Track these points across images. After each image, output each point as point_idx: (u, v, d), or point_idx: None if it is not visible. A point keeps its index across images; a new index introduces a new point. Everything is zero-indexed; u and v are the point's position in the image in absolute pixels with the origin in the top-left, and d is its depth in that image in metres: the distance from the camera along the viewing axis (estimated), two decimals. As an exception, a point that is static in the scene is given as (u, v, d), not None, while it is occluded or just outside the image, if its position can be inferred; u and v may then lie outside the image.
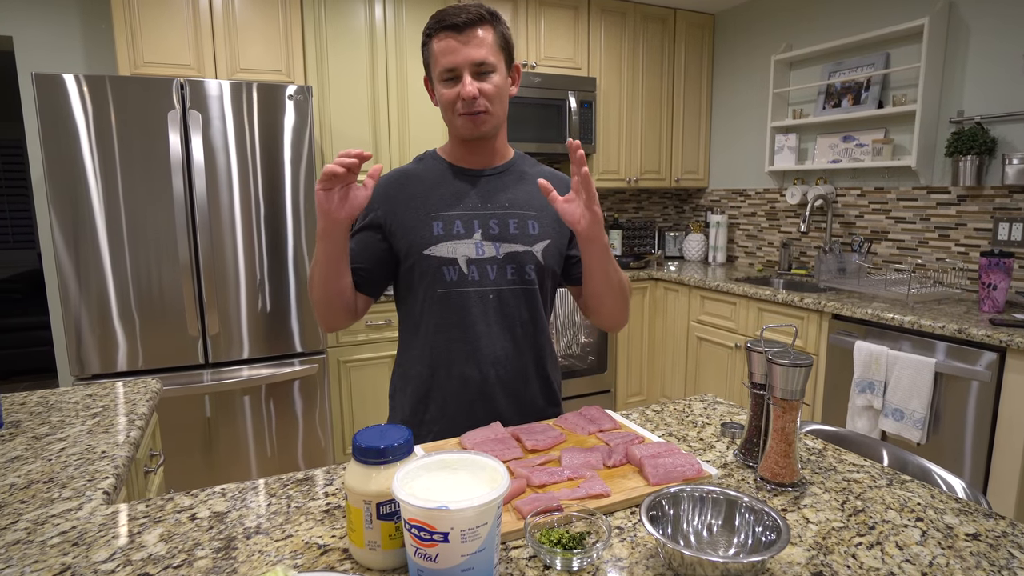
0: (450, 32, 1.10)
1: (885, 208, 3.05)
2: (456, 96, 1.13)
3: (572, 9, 3.51)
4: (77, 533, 0.83)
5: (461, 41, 1.10)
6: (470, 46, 1.10)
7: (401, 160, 3.19)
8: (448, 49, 1.11)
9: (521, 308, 1.23)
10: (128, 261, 2.39)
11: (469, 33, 1.10)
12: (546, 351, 1.31)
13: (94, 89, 2.27)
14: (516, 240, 1.21)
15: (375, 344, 2.96)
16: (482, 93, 1.13)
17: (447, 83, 1.13)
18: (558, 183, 1.28)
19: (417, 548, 0.66)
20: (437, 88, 1.16)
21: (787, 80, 3.50)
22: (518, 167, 1.29)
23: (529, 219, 1.23)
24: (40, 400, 1.40)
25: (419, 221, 1.19)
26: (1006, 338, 1.96)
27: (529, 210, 1.24)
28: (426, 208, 1.20)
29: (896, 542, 0.80)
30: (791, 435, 0.92)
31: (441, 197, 1.21)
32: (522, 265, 1.21)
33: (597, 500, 0.87)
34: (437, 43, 1.12)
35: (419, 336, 1.24)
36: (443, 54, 1.11)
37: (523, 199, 1.24)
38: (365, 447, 0.73)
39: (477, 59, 1.11)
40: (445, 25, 1.10)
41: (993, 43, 2.56)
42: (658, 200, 4.41)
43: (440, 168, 1.26)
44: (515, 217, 1.22)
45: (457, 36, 1.10)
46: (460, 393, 1.22)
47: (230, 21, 2.75)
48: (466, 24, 1.10)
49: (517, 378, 1.25)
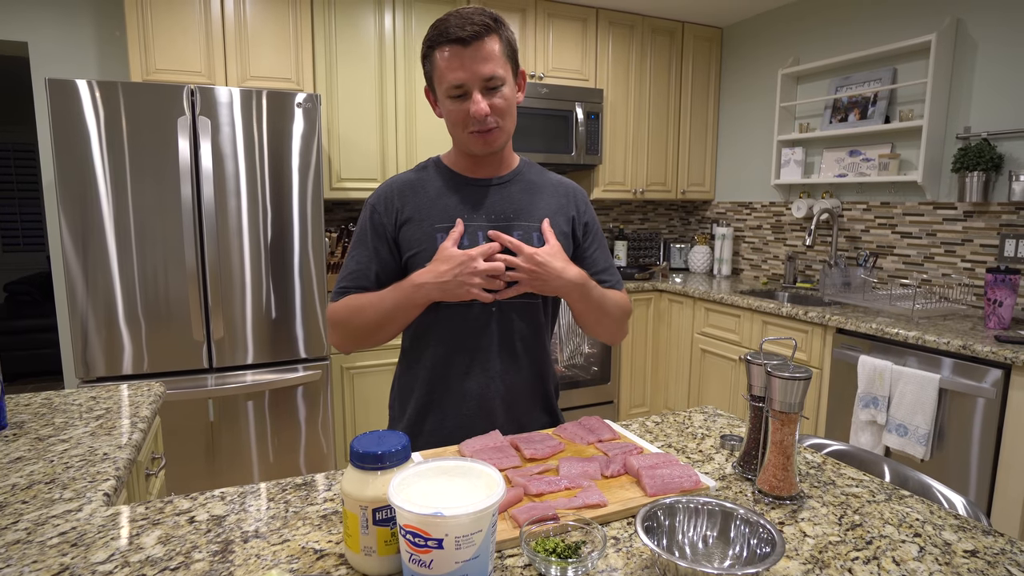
0: (456, 45, 1.05)
1: (891, 223, 3.05)
2: (466, 114, 1.09)
3: (580, 21, 3.53)
4: (77, 534, 0.84)
5: (468, 56, 1.05)
6: (478, 61, 1.05)
7: (408, 168, 3.21)
8: (455, 64, 1.05)
9: (523, 322, 1.22)
10: (135, 265, 2.41)
11: (476, 46, 1.04)
12: (547, 366, 1.30)
13: (106, 95, 2.30)
14: None
15: (378, 351, 2.97)
16: (493, 109, 1.09)
17: (455, 100, 1.09)
18: (566, 191, 1.28)
19: (412, 554, 0.66)
20: (443, 102, 1.12)
21: (794, 94, 3.51)
22: (525, 176, 1.25)
23: (534, 231, 1.19)
24: (44, 401, 1.41)
25: (423, 234, 1.16)
26: (1011, 355, 1.95)
27: (534, 221, 1.20)
28: (430, 220, 1.17)
29: (893, 557, 0.80)
30: (789, 448, 0.92)
31: (445, 209, 1.18)
32: None
33: (594, 510, 0.87)
34: (441, 56, 1.07)
35: (419, 349, 1.23)
36: (450, 69, 1.06)
37: (528, 210, 1.21)
38: (362, 452, 0.74)
39: (486, 75, 1.06)
40: (451, 39, 1.04)
41: (1000, 60, 2.56)
42: (664, 212, 4.41)
43: (444, 178, 1.22)
44: (520, 229, 1.19)
45: (463, 49, 1.04)
46: (459, 406, 1.22)
47: (241, 29, 2.78)
48: (472, 37, 1.04)
49: (517, 393, 1.24)
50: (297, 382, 2.69)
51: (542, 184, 1.26)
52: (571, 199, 1.27)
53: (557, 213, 1.23)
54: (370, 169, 3.13)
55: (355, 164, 3.10)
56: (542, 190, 1.25)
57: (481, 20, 1.05)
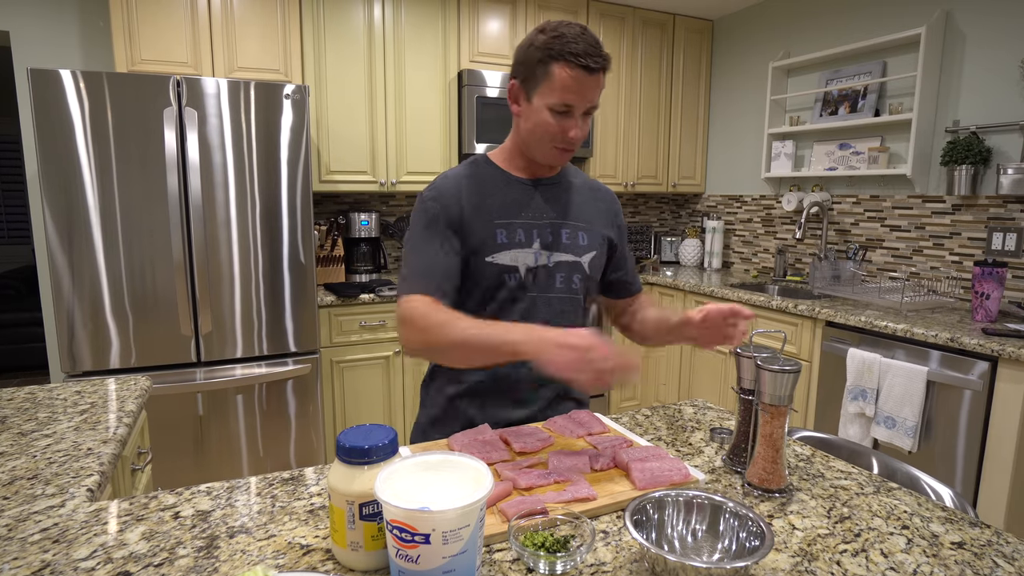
0: (582, 71, 1.08)
1: (880, 216, 3.06)
2: (562, 131, 1.13)
3: (571, 14, 3.51)
4: (59, 530, 0.83)
5: (588, 84, 1.10)
6: (592, 89, 1.11)
7: (398, 160, 3.19)
8: (574, 86, 1.09)
9: (566, 316, 1.25)
10: (122, 258, 2.38)
11: (596, 77, 1.10)
12: None
13: (90, 85, 2.26)
14: (567, 250, 1.24)
15: (369, 345, 2.96)
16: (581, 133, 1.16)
17: (558, 115, 1.12)
18: (605, 196, 1.34)
19: (399, 549, 0.65)
20: (539, 111, 1.13)
21: (784, 87, 3.51)
22: (566, 178, 1.30)
23: (580, 230, 1.26)
24: (28, 396, 1.39)
25: (484, 228, 1.18)
26: (998, 347, 1.96)
27: (580, 221, 1.26)
28: (490, 215, 1.19)
29: (881, 550, 0.80)
30: (779, 441, 0.92)
31: (502, 205, 1.21)
32: (570, 275, 1.24)
33: (583, 503, 0.87)
34: (563, 72, 1.09)
35: None
36: (567, 89, 1.09)
37: (574, 210, 1.26)
38: (349, 447, 0.73)
39: (594, 103, 1.13)
40: (580, 64, 1.08)
41: (989, 53, 2.57)
42: (655, 205, 4.41)
43: (497, 176, 1.24)
44: (567, 228, 1.24)
45: (587, 77, 1.09)
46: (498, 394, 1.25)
47: (228, 19, 2.75)
48: (598, 70, 1.10)
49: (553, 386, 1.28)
50: (287, 376, 2.68)
51: (581, 186, 1.32)
52: (611, 205, 1.35)
53: (603, 217, 1.31)
54: (359, 162, 3.11)
55: (344, 157, 3.08)
56: (582, 191, 1.31)
57: (605, 55, 1.11)
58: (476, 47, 3.29)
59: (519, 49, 1.15)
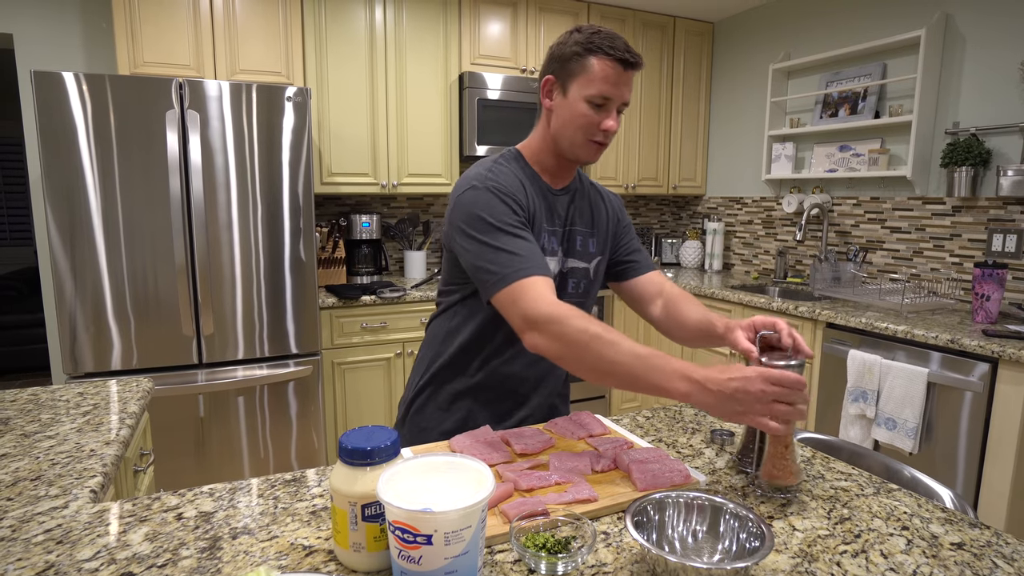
0: (620, 65, 1.11)
1: (880, 218, 3.06)
2: (597, 124, 1.14)
3: (572, 15, 3.52)
4: (62, 531, 0.83)
5: (624, 79, 1.13)
6: (627, 86, 1.14)
7: (399, 162, 3.20)
8: (612, 79, 1.12)
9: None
10: (124, 260, 2.38)
11: (631, 73, 1.14)
12: None
13: (93, 88, 2.27)
14: (578, 256, 1.26)
15: (370, 347, 2.96)
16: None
17: (595, 108, 1.13)
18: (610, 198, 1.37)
19: (401, 550, 0.66)
20: (576, 103, 1.13)
21: (785, 89, 3.51)
22: (579, 183, 1.32)
23: (590, 237, 1.29)
24: (31, 397, 1.40)
25: (538, 233, 1.19)
26: (999, 349, 1.96)
27: (589, 227, 1.29)
28: (540, 221, 1.20)
29: (881, 551, 0.80)
30: (787, 436, 0.92)
31: (543, 210, 1.22)
32: (580, 280, 1.27)
33: (584, 505, 0.87)
34: (601, 65, 1.11)
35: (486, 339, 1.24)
36: (606, 81, 1.11)
37: (585, 217, 1.29)
38: (351, 448, 0.74)
39: (627, 99, 1.15)
40: (618, 58, 1.11)
41: (989, 55, 2.57)
42: (655, 207, 4.42)
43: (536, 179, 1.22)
44: (580, 235, 1.27)
45: (624, 72, 1.12)
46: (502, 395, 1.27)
47: (230, 22, 2.76)
48: (634, 66, 1.13)
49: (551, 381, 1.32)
50: (288, 377, 2.68)
51: (588, 190, 1.33)
52: (615, 206, 1.38)
53: (609, 220, 1.34)
54: (360, 164, 3.12)
55: (345, 159, 3.09)
56: (589, 196, 1.33)
57: (640, 58, 1.15)
58: (477, 49, 3.30)
59: (554, 47, 1.19)
